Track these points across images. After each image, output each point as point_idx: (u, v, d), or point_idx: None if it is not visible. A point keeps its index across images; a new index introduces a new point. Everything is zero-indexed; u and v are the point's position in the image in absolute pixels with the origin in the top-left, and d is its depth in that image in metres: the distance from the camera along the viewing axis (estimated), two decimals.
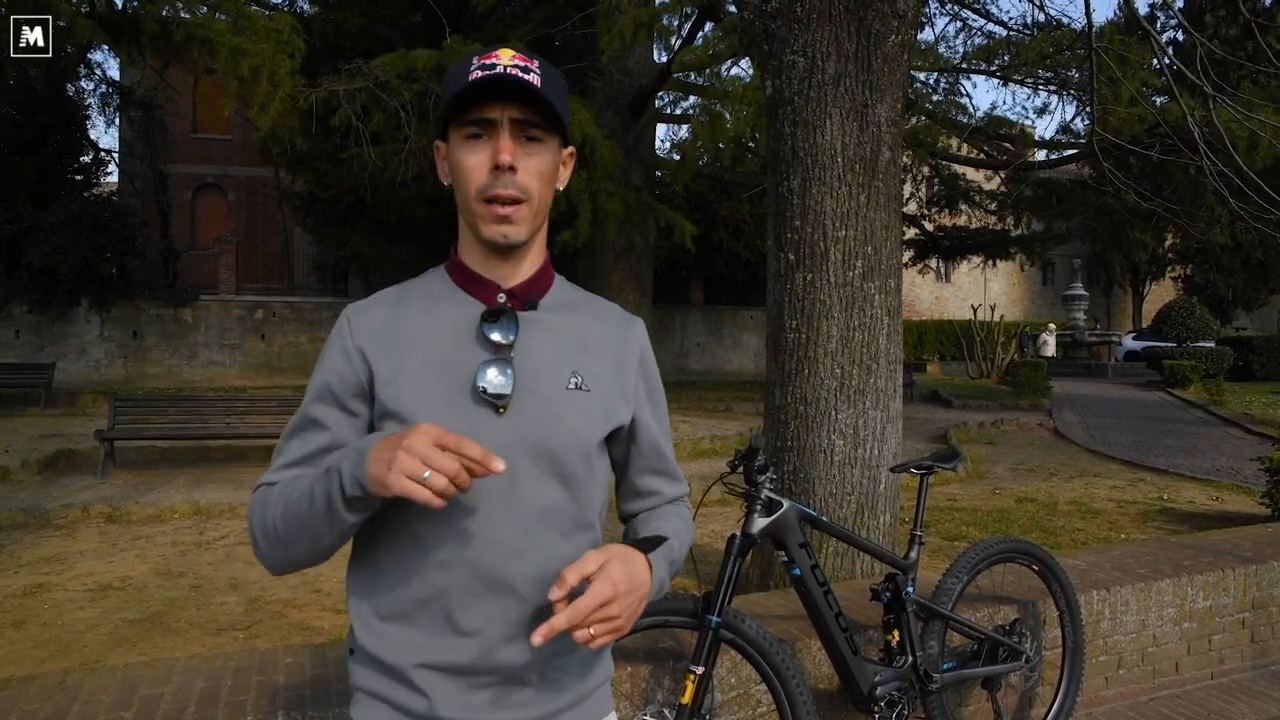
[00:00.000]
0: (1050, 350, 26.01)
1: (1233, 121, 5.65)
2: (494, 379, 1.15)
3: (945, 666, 2.88)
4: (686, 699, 2.29)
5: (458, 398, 1.15)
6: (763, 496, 2.49)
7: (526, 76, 1.12)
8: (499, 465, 0.99)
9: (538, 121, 1.15)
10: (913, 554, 2.88)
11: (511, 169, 1.13)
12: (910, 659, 2.76)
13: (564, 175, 1.25)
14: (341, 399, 1.19)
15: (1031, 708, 3.28)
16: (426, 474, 0.95)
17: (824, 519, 2.69)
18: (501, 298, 1.21)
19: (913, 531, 2.95)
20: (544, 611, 1.12)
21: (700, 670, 2.30)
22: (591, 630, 1.03)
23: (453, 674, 1.14)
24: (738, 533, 2.48)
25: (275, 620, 4.70)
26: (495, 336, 1.17)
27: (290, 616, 4.75)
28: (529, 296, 1.23)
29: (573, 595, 1.04)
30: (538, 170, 1.16)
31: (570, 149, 1.26)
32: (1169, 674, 3.70)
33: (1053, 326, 27.57)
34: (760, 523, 2.48)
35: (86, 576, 5.54)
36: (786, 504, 2.52)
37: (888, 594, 2.80)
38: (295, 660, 2.63)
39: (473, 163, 1.15)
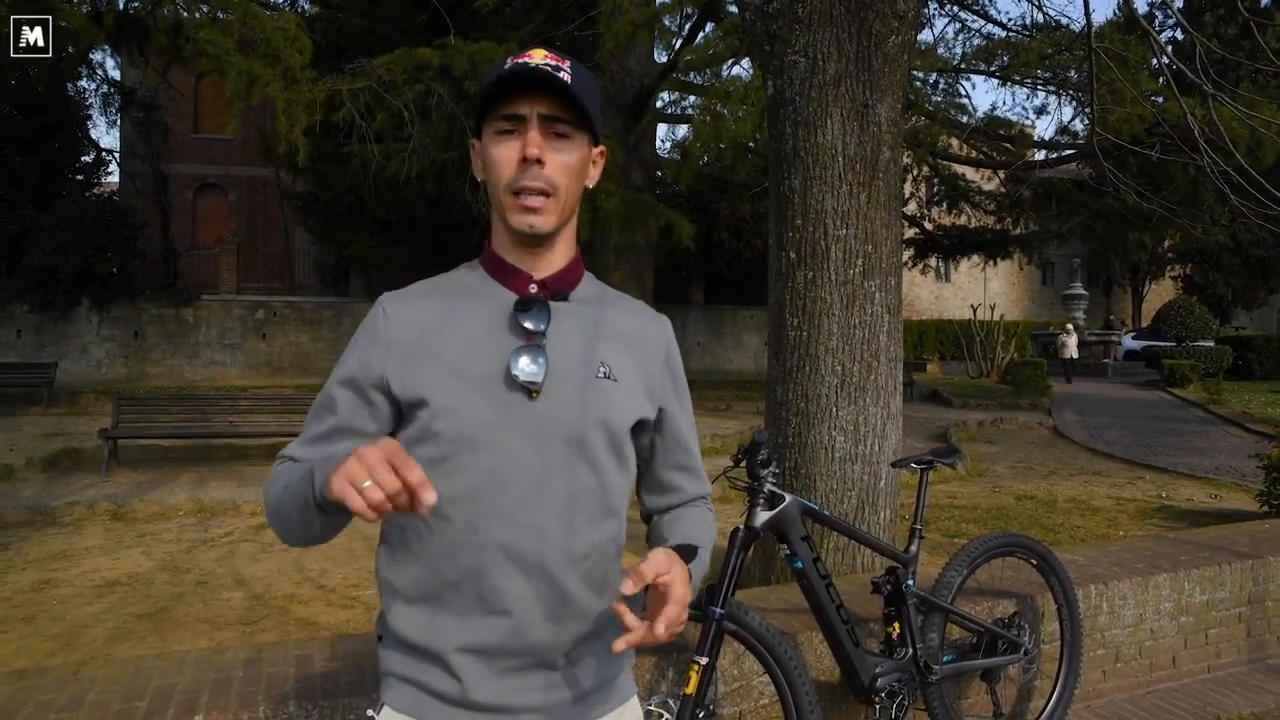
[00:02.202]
0: (1072, 352, 24.45)
1: (1234, 120, 5.68)
2: (527, 365, 1.17)
3: (945, 658, 2.92)
4: (690, 689, 2.33)
5: (491, 384, 1.18)
6: (765, 490, 2.53)
7: (557, 74, 1.16)
8: (430, 497, 0.97)
9: (566, 118, 1.18)
10: (913, 548, 2.92)
11: (539, 162, 1.16)
12: (910, 651, 2.80)
13: (594, 174, 1.28)
14: (361, 385, 1.22)
15: (1030, 700, 3.32)
16: (366, 483, 0.95)
17: (826, 513, 2.73)
18: (533, 288, 1.24)
19: (913, 526, 2.99)
20: (572, 593, 1.18)
21: (704, 661, 2.33)
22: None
23: (484, 655, 1.17)
24: (741, 526, 2.52)
25: (280, 616, 4.74)
26: (528, 324, 1.20)
27: (295, 612, 4.79)
28: (560, 288, 1.26)
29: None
30: (565, 165, 1.19)
31: (601, 148, 1.29)
32: (1166, 667, 3.75)
33: (1070, 327, 26.04)
34: (763, 516, 2.52)
35: (93, 573, 5.59)
36: (789, 498, 2.56)
37: (888, 587, 2.84)
38: (304, 653, 2.67)
39: (503, 156, 1.18)
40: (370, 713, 1.25)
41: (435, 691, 1.19)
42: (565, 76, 1.16)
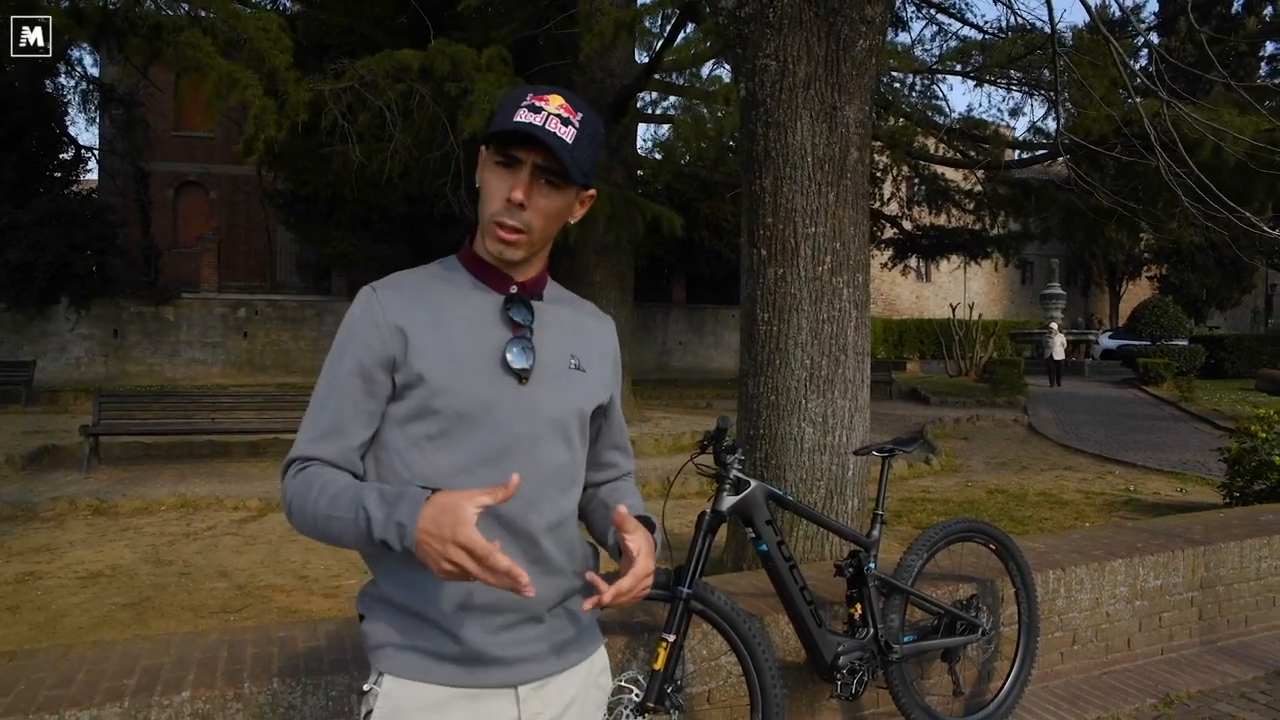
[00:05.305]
0: (1059, 353, 23.88)
1: (1189, 127, 5.85)
2: (519, 354, 1.33)
3: (905, 639, 3.04)
4: (659, 665, 2.44)
5: (486, 368, 1.32)
6: (731, 476, 2.64)
7: (563, 131, 1.27)
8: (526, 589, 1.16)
9: (560, 170, 1.29)
10: (874, 532, 3.05)
11: (521, 205, 1.29)
12: (872, 631, 2.92)
13: (579, 212, 1.41)
14: (368, 369, 1.32)
15: (989, 680, 3.46)
16: (471, 578, 1.13)
17: (789, 498, 2.84)
18: (514, 289, 1.38)
19: (875, 511, 3.12)
20: (549, 555, 1.34)
21: (672, 638, 2.44)
22: (634, 596, 1.28)
23: (481, 611, 1.29)
24: (707, 510, 2.63)
25: (263, 604, 4.82)
26: (517, 318, 1.35)
27: (277, 601, 4.88)
28: (535, 290, 1.41)
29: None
30: (546, 210, 1.32)
31: (592, 191, 1.41)
32: (1121, 649, 3.89)
33: (1054, 326, 25.55)
34: (729, 501, 2.63)
35: (77, 565, 5.64)
36: (754, 483, 2.67)
37: (850, 570, 2.97)
38: (288, 634, 2.76)
39: (495, 188, 1.31)
40: (366, 687, 1.32)
41: (437, 653, 1.29)
42: (570, 134, 1.27)
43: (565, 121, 1.28)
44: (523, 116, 1.26)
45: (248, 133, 9.22)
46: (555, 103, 1.29)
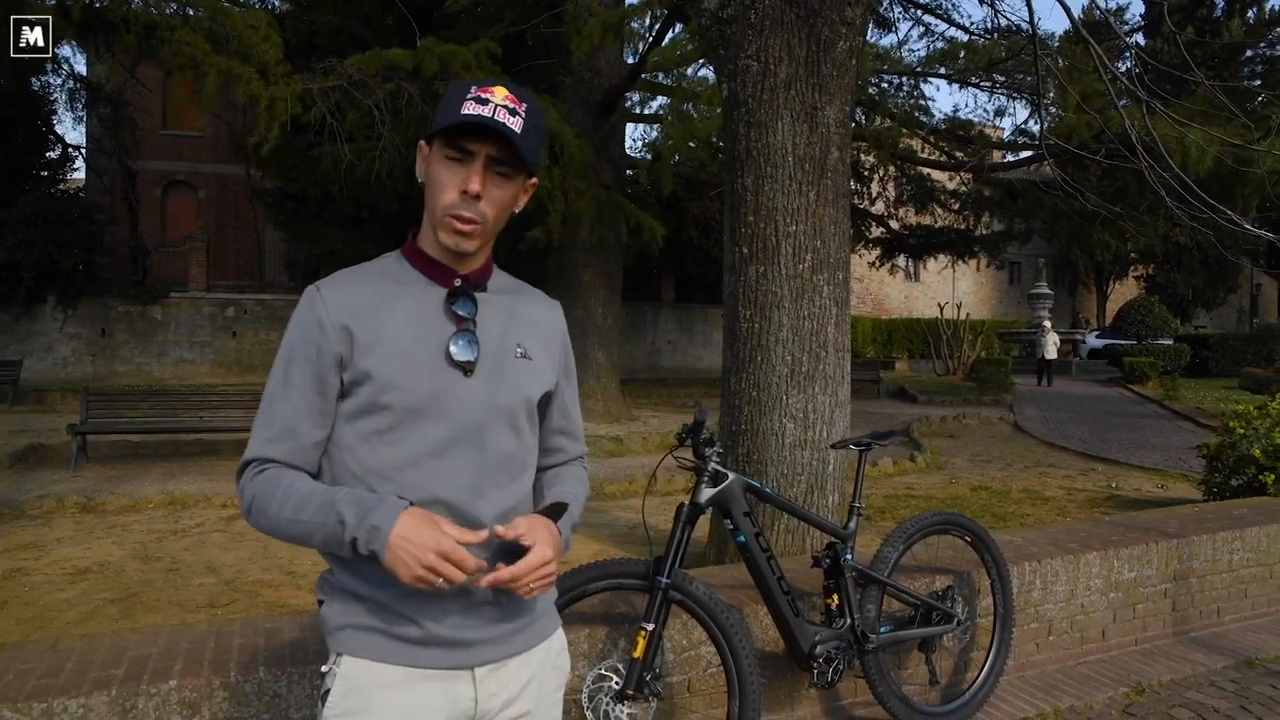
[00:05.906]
0: (1051, 352, 23.66)
1: (1169, 130, 5.95)
2: (463, 348, 1.36)
3: (882, 629, 3.11)
4: (638, 653, 2.49)
5: (432, 363, 1.35)
6: (709, 469, 2.70)
7: (511, 121, 1.30)
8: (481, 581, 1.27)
9: (510, 160, 1.34)
10: (851, 524, 3.11)
11: (477, 197, 1.33)
12: (848, 621, 2.98)
13: (522, 200, 1.45)
14: (318, 369, 1.36)
15: (966, 670, 3.52)
16: (439, 581, 1.22)
17: (766, 490, 2.90)
18: (458, 282, 1.41)
19: (852, 503, 3.18)
20: (502, 544, 1.33)
21: (650, 627, 2.50)
22: (531, 585, 1.29)
23: (438, 597, 1.32)
24: (686, 502, 2.69)
25: (250, 599, 4.85)
26: (460, 312, 1.38)
27: (265, 596, 4.91)
28: (479, 281, 1.44)
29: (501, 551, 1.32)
30: (499, 200, 1.36)
31: (534, 180, 1.45)
32: (1096, 640, 3.96)
33: (1047, 325, 25.36)
34: (707, 493, 2.69)
35: (64, 562, 5.65)
36: (732, 476, 2.73)
37: (827, 561, 3.03)
38: (274, 626, 2.80)
39: (447, 181, 1.34)
40: (325, 668, 1.37)
41: (396, 635, 1.33)
42: (517, 124, 1.31)
43: (512, 112, 1.31)
44: (471, 109, 1.30)
45: (261, 124, 9.18)
46: (500, 94, 1.32)
